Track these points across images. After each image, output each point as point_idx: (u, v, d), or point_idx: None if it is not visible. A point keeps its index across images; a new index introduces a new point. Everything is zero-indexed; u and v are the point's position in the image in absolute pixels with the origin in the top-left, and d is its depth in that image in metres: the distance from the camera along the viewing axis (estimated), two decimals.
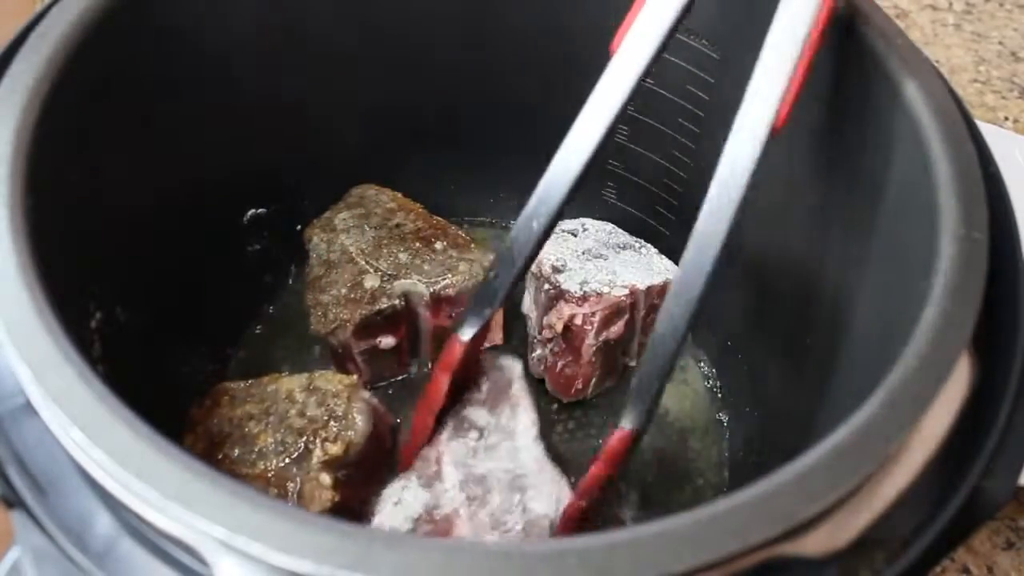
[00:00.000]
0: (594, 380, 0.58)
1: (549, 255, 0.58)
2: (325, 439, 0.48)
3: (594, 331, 0.55)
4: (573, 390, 0.58)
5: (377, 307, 0.56)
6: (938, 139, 0.38)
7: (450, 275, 0.57)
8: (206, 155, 0.52)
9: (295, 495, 0.46)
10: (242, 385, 0.52)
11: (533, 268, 0.58)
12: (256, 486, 0.47)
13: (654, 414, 0.44)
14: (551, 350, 0.57)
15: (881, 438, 0.29)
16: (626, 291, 0.56)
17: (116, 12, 0.42)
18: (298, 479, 0.47)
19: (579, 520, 0.48)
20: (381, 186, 0.63)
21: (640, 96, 0.57)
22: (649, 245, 0.62)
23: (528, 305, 0.61)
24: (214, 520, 0.26)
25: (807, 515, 0.27)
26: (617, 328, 0.56)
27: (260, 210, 0.60)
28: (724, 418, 0.60)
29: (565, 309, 0.55)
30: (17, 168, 0.35)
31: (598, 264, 0.58)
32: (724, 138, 0.43)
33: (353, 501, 0.50)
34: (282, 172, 0.61)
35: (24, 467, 0.31)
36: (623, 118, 0.44)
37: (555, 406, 0.60)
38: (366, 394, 0.52)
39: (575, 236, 0.61)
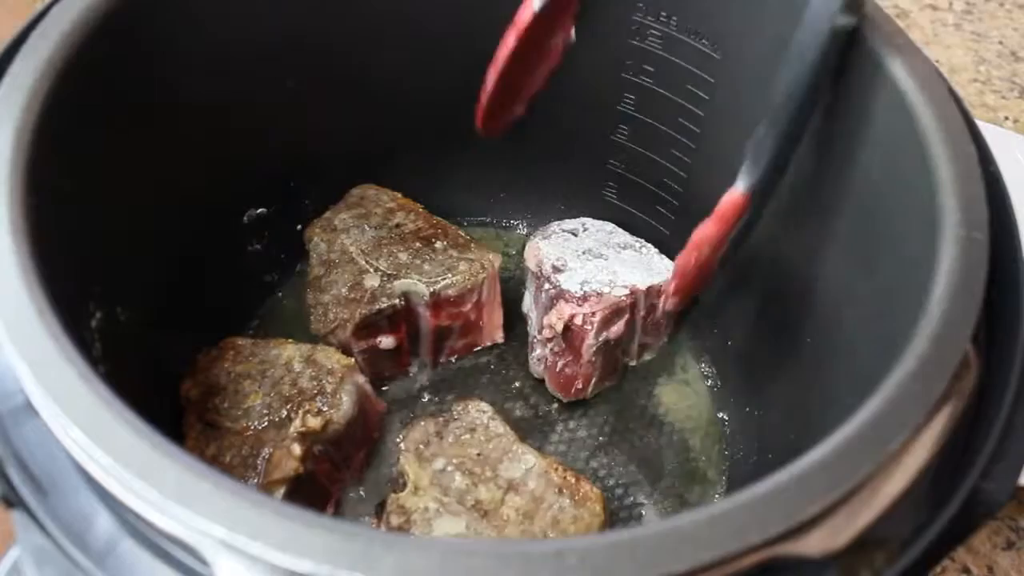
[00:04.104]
0: (594, 380, 0.58)
1: (549, 255, 0.57)
2: (307, 412, 0.50)
3: (594, 331, 0.55)
4: (573, 390, 0.58)
5: (377, 307, 0.56)
6: (938, 139, 0.38)
7: (450, 275, 0.57)
8: (206, 155, 0.52)
9: (265, 459, 0.48)
10: (249, 343, 0.54)
11: (533, 267, 0.58)
12: (232, 440, 0.49)
13: (775, 180, 0.43)
14: (551, 350, 0.57)
15: (881, 438, 0.29)
16: (626, 291, 0.56)
17: (116, 12, 0.42)
18: (271, 444, 0.48)
19: (690, 277, 0.49)
20: (381, 186, 0.63)
21: (640, 96, 0.58)
22: (649, 245, 0.62)
23: (528, 305, 0.61)
24: (214, 520, 0.26)
25: (807, 515, 0.27)
26: (617, 328, 0.56)
27: (260, 210, 0.60)
28: (724, 418, 0.60)
29: (565, 309, 0.55)
30: (17, 168, 0.35)
31: (598, 264, 0.58)
32: (724, 138, 0.43)
33: (323, 477, 0.52)
34: (282, 172, 0.61)
35: (24, 467, 0.31)
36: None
37: (555, 406, 0.60)
38: (361, 378, 0.53)
39: (576, 236, 0.61)
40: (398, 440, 0.52)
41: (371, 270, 0.57)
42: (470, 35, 0.59)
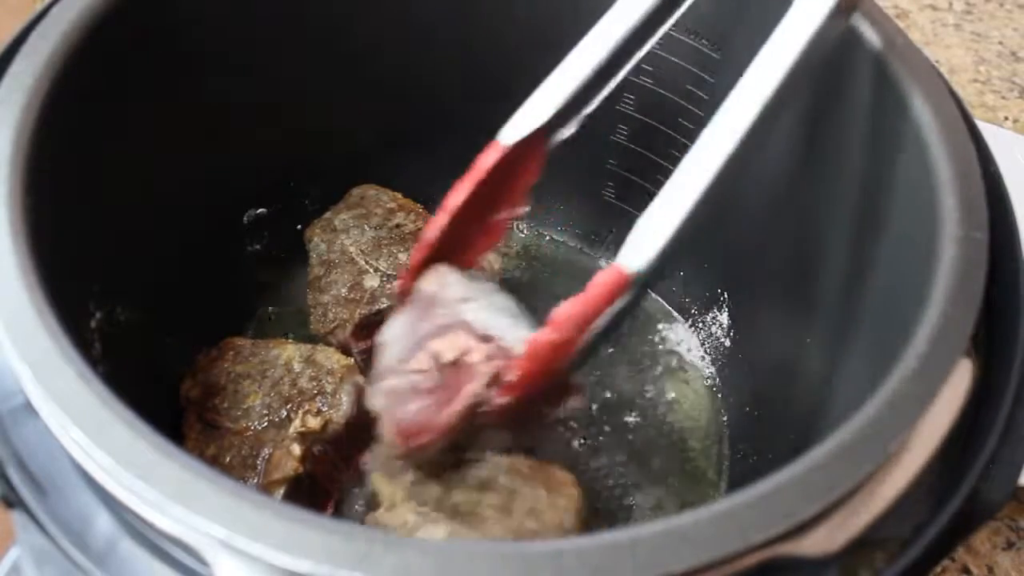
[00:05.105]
0: (443, 440, 0.44)
1: (457, 286, 0.46)
2: (307, 412, 0.49)
3: (486, 379, 0.42)
4: (415, 442, 0.44)
5: (376, 307, 0.56)
6: (938, 139, 0.38)
7: None
8: (206, 155, 0.52)
9: (265, 459, 0.48)
10: (249, 343, 0.54)
11: (431, 289, 0.46)
12: (232, 441, 0.49)
13: (655, 272, 0.37)
14: (414, 384, 0.44)
15: (881, 438, 0.29)
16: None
17: (116, 12, 0.42)
18: (272, 444, 0.48)
19: (549, 361, 0.39)
20: (382, 186, 0.63)
21: (640, 96, 0.58)
22: None
23: (396, 332, 0.45)
24: (214, 520, 0.26)
25: (807, 515, 0.27)
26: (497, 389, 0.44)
27: (260, 210, 0.60)
28: (724, 418, 0.60)
29: (462, 340, 0.43)
30: (17, 168, 0.35)
31: (509, 322, 0.46)
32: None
33: (323, 478, 0.51)
34: (282, 172, 0.61)
35: (24, 467, 0.31)
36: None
37: None
38: (361, 379, 0.53)
39: (496, 290, 0.49)
40: (363, 462, 0.50)
41: (371, 270, 0.57)
42: (470, 36, 0.59)
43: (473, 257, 0.48)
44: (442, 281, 0.46)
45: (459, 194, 0.42)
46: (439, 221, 0.43)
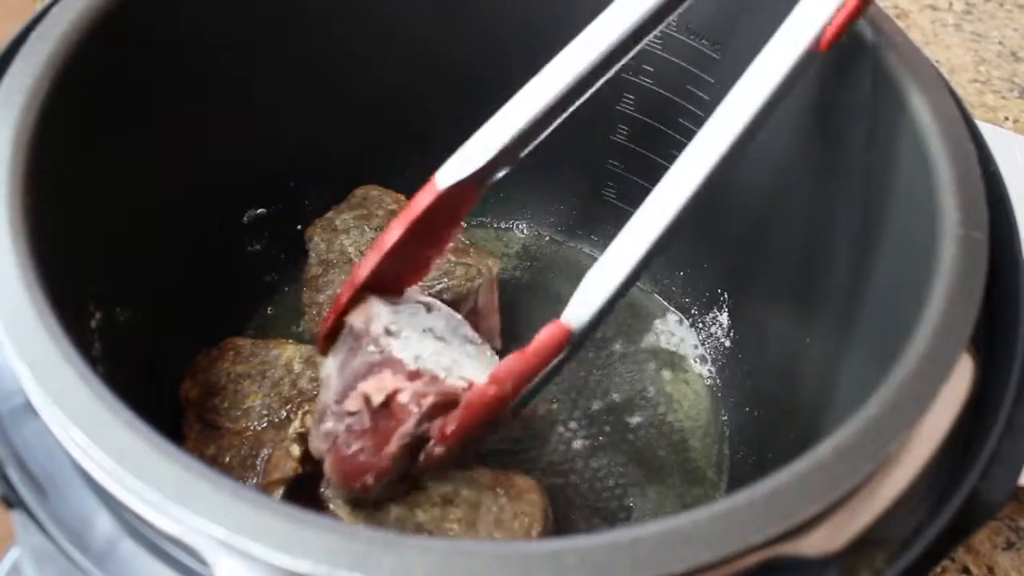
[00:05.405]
0: (386, 480, 0.45)
1: (384, 316, 0.45)
2: (307, 412, 0.49)
3: (417, 417, 0.42)
4: (359, 483, 0.44)
5: None
6: (938, 139, 0.38)
7: (446, 279, 0.57)
8: (206, 155, 0.52)
9: (265, 459, 0.48)
10: (249, 344, 0.54)
11: (359, 324, 0.44)
12: (232, 441, 0.49)
13: (595, 325, 0.38)
14: (349, 426, 0.44)
15: (881, 438, 0.29)
16: (464, 384, 0.43)
17: (116, 12, 0.42)
18: (271, 444, 0.48)
19: (488, 413, 0.40)
20: (385, 187, 0.63)
21: (640, 96, 0.58)
22: (489, 348, 0.50)
23: (332, 367, 0.46)
24: (214, 520, 0.26)
25: (807, 515, 0.27)
26: (440, 423, 0.43)
27: (260, 210, 0.60)
28: (724, 418, 0.60)
29: (390, 380, 0.43)
30: (17, 168, 0.35)
31: (438, 346, 0.45)
32: None
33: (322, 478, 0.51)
34: (282, 173, 0.61)
35: (24, 467, 0.31)
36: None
37: (554, 406, 0.60)
38: None
39: (428, 312, 0.49)
40: (321, 490, 0.48)
41: None
42: (473, 34, 0.59)
43: (399, 290, 0.47)
44: (368, 314, 0.45)
45: (393, 234, 0.42)
46: (371, 261, 0.43)
